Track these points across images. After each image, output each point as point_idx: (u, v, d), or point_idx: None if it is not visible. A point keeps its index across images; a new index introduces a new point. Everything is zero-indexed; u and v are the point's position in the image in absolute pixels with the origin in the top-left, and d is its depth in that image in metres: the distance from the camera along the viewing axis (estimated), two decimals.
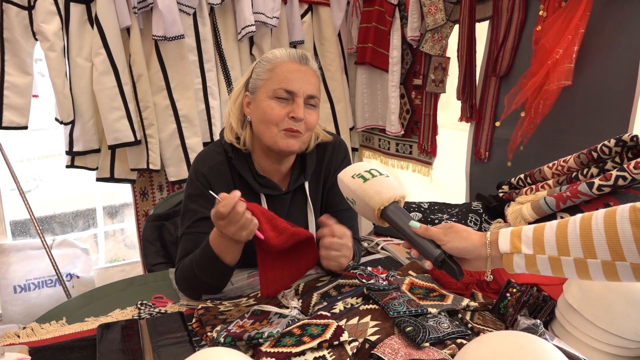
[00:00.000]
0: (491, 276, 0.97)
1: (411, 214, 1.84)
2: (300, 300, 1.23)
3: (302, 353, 0.98)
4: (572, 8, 1.73)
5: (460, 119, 2.41)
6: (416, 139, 2.75)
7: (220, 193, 1.12)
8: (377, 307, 1.16)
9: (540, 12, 1.88)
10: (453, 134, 2.59)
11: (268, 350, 0.99)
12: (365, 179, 1.09)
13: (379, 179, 1.09)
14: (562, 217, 1.38)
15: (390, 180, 1.10)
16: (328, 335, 1.01)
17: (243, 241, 1.17)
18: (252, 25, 2.48)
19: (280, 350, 0.98)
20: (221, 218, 1.11)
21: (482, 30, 2.31)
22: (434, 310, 1.12)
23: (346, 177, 1.13)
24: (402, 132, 2.80)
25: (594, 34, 1.75)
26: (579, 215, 0.87)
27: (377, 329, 1.07)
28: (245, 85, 1.38)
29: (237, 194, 1.11)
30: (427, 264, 1.01)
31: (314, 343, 0.99)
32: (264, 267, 1.19)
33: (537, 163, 1.69)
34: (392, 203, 1.07)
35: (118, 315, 1.25)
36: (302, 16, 2.75)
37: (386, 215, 1.07)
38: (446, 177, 2.74)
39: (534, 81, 1.81)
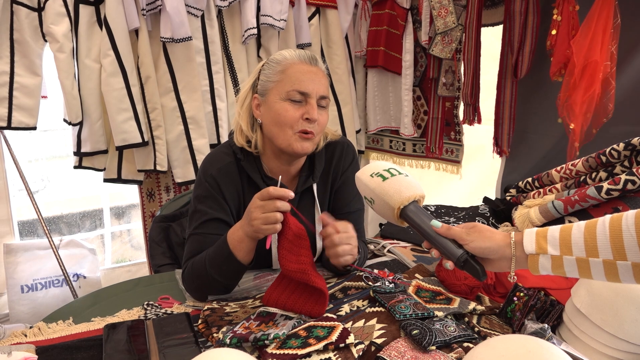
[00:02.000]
0: (515, 277, 0.95)
1: None
2: None
3: (308, 355, 0.98)
4: (598, 17, 1.72)
5: (463, 122, 2.42)
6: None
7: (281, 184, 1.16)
8: (383, 309, 1.15)
9: (555, 17, 1.87)
10: (481, 130, 2.56)
11: (274, 352, 0.99)
12: (384, 178, 1.07)
13: (399, 178, 1.07)
14: (570, 221, 1.37)
15: (410, 179, 1.08)
16: (334, 337, 1.01)
17: (257, 236, 1.18)
18: (254, 27, 2.49)
19: (286, 352, 0.98)
20: (263, 198, 1.12)
21: (492, 34, 2.31)
22: (440, 314, 1.12)
23: (364, 176, 1.11)
24: (415, 134, 2.80)
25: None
26: (607, 216, 0.86)
27: (383, 331, 1.07)
28: (252, 87, 1.38)
29: (291, 194, 1.12)
30: (449, 264, 0.99)
31: (320, 345, 0.99)
32: (277, 285, 1.19)
33: None
34: (412, 202, 1.05)
35: (124, 315, 1.25)
36: (310, 19, 2.75)
37: (406, 215, 1.05)
38: (473, 174, 2.75)
39: (581, 96, 1.78)
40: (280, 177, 1.23)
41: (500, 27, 2.24)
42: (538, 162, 2.19)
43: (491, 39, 2.32)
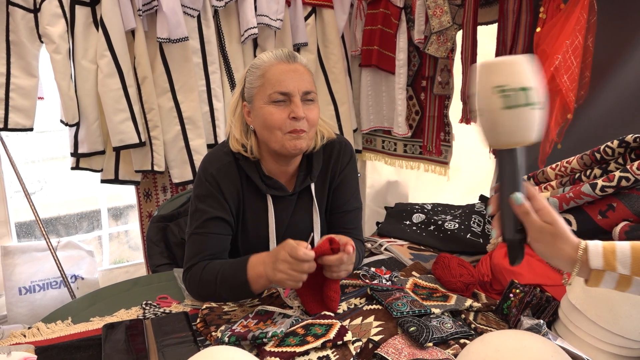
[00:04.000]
0: (570, 283, 0.91)
1: (414, 216, 1.84)
2: None
3: (306, 353, 0.99)
4: (569, 13, 1.73)
5: (461, 121, 2.42)
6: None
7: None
8: (380, 307, 1.16)
9: (540, 14, 1.88)
10: (476, 129, 2.58)
11: (272, 349, 1.00)
12: (509, 106, 0.83)
13: (526, 112, 0.83)
14: (565, 218, 1.38)
15: (537, 115, 0.84)
16: (332, 335, 1.02)
17: (277, 284, 1.19)
18: (254, 27, 2.49)
19: (284, 349, 0.99)
20: (293, 256, 1.12)
21: (488, 33, 2.32)
22: (437, 311, 1.12)
23: (487, 86, 0.85)
24: (409, 134, 2.80)
25: (610, 39, 1.76)
26: None
27: (380, 329, 1.08)
28: (241, 95, 1.39)
29: (312, 256, 1.13)
30: (496, 233, 0.90)
31: (318, 343, 0.99)
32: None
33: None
34: (523, 147, 0.87)
35: (123, 315, 1.26)
36: (306, 18, 2.76)
37: (507, 157, 0.87)
38: (469, 173, 2.75)
39: None
40: (312, 234, 1.24)
41: (493, 26, 2.25)
42: (533, 161, 2.20)
43: (483, 39, 2.33)
